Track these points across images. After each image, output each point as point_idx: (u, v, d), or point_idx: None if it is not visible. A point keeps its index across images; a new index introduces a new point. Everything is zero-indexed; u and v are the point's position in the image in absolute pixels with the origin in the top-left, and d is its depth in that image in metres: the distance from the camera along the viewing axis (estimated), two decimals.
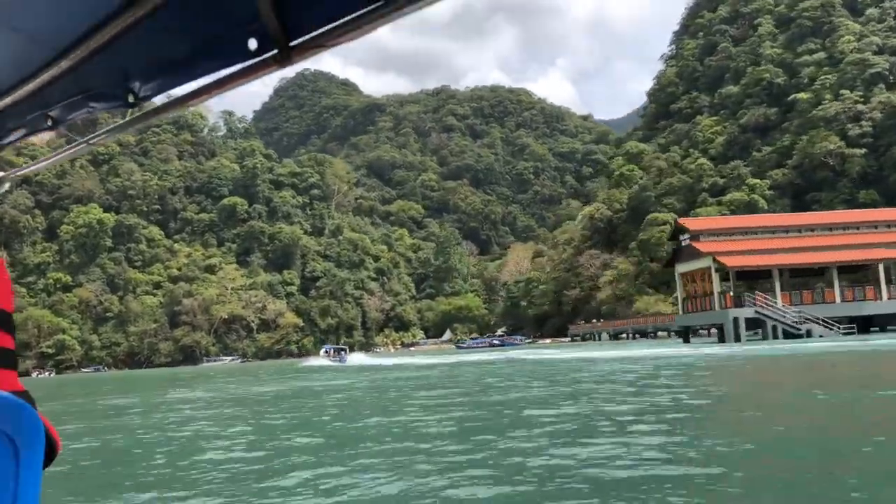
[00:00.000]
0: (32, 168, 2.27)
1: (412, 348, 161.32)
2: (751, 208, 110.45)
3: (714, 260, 58.88)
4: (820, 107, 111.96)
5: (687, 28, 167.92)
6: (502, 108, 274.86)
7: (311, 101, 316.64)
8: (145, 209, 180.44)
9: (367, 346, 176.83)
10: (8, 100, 1.92)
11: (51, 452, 1.25)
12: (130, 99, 1.71)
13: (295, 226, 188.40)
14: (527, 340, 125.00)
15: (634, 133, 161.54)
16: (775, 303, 58.99)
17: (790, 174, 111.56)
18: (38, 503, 1.18)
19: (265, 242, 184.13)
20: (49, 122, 1.97)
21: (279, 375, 53.70)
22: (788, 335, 55.53)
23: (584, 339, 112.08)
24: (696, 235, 62.32)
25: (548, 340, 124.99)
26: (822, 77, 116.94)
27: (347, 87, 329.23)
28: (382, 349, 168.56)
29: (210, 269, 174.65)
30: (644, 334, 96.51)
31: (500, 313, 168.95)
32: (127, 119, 1.87)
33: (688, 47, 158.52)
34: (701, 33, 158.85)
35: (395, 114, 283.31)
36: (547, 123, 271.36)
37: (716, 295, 59.19)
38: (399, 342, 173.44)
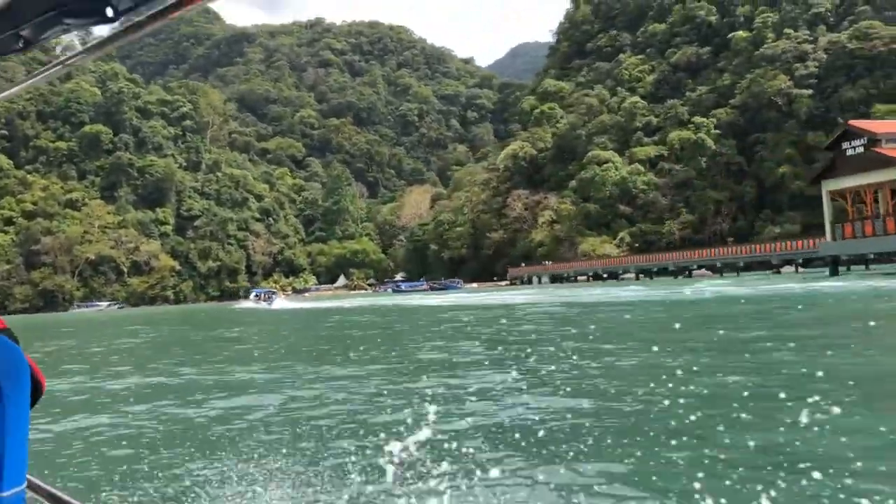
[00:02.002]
0: (5, 94, 2.04)
1: (306, 294, 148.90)
2: (698, 147, 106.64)
3: None
4: (766, 45, 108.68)
5: None
6: (382, 46, 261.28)
7: (168, 28, 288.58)
8: None
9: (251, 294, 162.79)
10: None
11: (36, 392, 1.20)
12: (109, 13, 1.50)
13: (168, 159, 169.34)
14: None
15: (547, 73, 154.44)
16: None
17: (732, 114, 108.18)
18: (27, 441, 1.14)
19: (134, 176, 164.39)
20: (21, 43, 1.71)
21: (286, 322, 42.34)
22: None
23: (522, 283, 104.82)
24: (875, 140, 49.21)
25: (474, 284, 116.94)
26: (763, 16, 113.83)
27: (209, 14, 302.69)
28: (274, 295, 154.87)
29: (71, 205, 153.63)
30: (614, 276, 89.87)
31: (403, 258, 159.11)
32: (107, 35, 1.65)
33: None
34: None
35: (265, 45, 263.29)
36: (429, 64, 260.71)
37: None
38: (290, 287, 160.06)
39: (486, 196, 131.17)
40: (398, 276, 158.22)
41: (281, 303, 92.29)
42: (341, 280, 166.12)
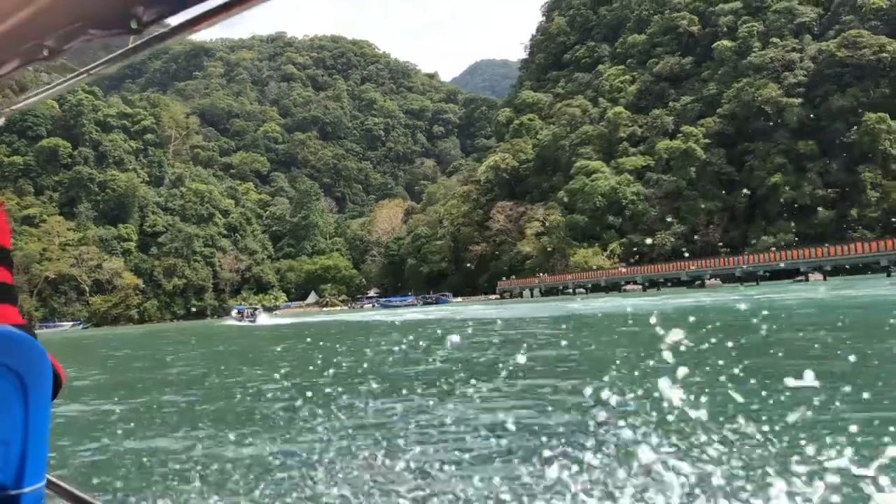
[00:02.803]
0: (30, 101, 2.15)
1: (276, 312, 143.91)
2: (688, 157, 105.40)
3: None
4: (754, 54, 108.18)
5: None
6: (346, 60, 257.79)
7: (123, 43, 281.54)
8: None
9: (220, 311, 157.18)
10: (1, 28, 1.71)
11: (56, 386, 1.22)
12: (133, 25, 1.54)
13: (130, 173, 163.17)
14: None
15: (522, 85, 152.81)
16: None
17: (721, 123, 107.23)
18: (48, 434, 1.16)
19: (95, 191, 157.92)
20: (46, 52, 1.78)
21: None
22: None
23: (512, 296, 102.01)
24: None
25: (459, 299, 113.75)
26: (748, 25, 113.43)
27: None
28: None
29: (29, 221, 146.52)
30: (615, 288, 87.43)
31: (377, 273, 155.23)
32: (129, 46, 1.71)
33: None
34: None
35: (225, 59, 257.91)
36: (393, 79, 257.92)
37: None
38: (260, 305, 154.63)
39: (466, 208, 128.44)
40: (371, 292, 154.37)
41: (265, 319, 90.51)
42: (312, 297, 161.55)
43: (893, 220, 75.84)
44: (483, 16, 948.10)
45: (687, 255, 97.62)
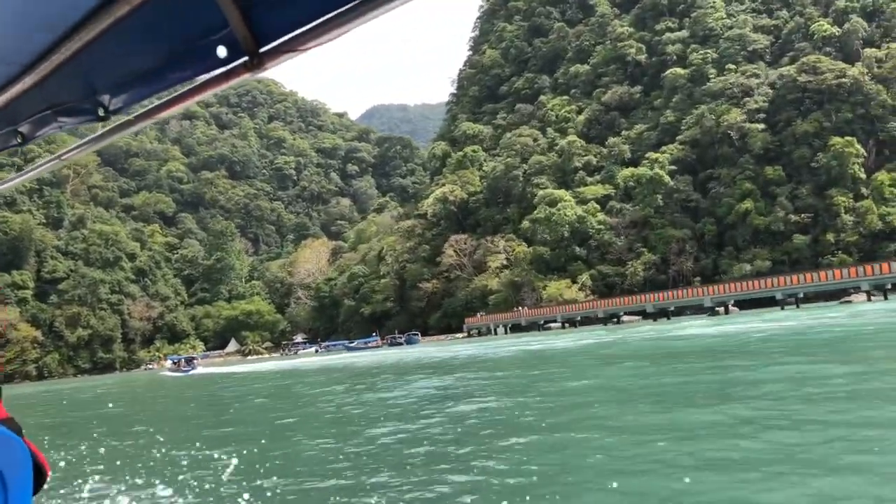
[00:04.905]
0: (4, 185, 2.24)
1: (195, 362, 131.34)
2: (654, 184, 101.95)
3: None
4: (711, 81, 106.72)
5: (496, 12, 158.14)
6: (251, 98, 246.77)
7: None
8: None
9: (130, 364, 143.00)
10: None
11: (39, 478, 1.22)
12: (101, 112, 1.64)
13: (24, 214, 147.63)
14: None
15: (456, 119, 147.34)
16: None
17: (683, 150, 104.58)
18: None
19: None
20: (19, 139, 1.94)
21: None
22: None
23: (480, 334, 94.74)
24: None
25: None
26: (701, 52, 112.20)
27: None
28: (155, 366, 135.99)
29: None
30: (606, 320, 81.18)
31: (307, 317, 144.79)
32: (99, 133, 1.78)
33: (507, 30, 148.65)
34: (518, 16, 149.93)
35: None
36: (302, 118, 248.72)
37: None
38: (197, 354, 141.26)
39: (411, 244, 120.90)
40: (298, 337, 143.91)
41: (202, 369, 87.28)
42: (233, 345, 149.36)
43: None
44: (378, 63, 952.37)
45: (638, 286, 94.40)
